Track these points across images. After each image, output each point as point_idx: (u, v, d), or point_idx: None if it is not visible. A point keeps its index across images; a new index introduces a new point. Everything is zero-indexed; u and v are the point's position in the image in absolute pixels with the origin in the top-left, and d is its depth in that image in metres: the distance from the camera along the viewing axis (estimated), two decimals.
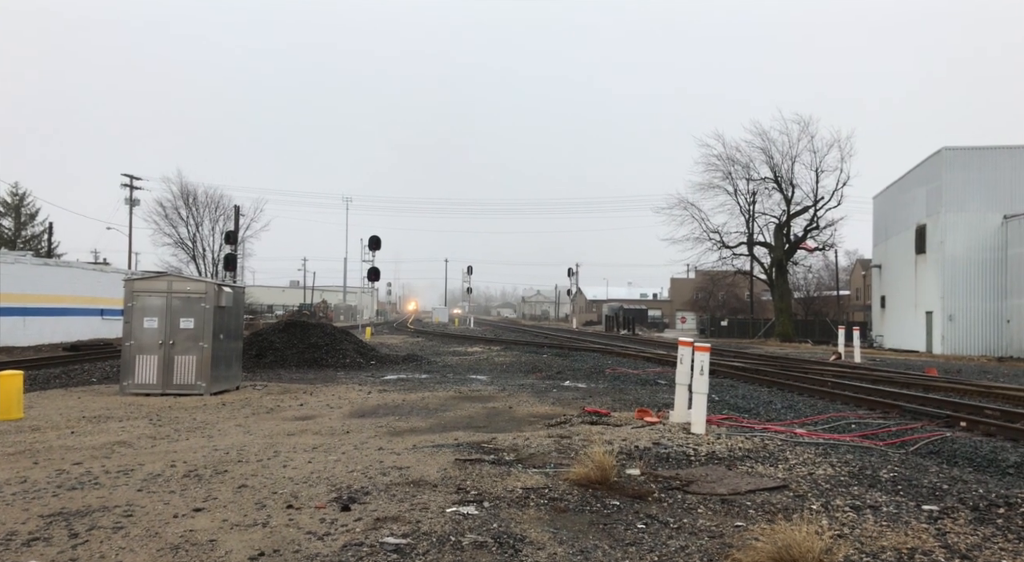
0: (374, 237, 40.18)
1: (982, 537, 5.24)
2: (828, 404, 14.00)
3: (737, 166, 52.07)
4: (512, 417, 11.46)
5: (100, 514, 5.54)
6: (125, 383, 13.93)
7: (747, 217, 52.66)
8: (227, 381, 14.92)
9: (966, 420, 11.26)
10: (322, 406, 12.57)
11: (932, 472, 7.54)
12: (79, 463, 7.50)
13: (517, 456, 7.87)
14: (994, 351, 33.19)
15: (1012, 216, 33.60)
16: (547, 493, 6.25)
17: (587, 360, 25.34)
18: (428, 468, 7.20)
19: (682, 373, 10.15)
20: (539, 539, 5.00)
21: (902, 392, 15.35)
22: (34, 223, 64.10)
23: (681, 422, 9.90)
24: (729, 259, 54.32)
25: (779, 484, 6.69)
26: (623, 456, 7.78)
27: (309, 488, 6.38)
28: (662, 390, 15.67)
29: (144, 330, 13.93)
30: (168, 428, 10.01)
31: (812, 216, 50.32)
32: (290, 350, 21.97)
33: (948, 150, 35.40)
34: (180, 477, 6.83)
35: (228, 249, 45.83)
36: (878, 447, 9.11)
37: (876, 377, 19.17)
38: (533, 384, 17.00)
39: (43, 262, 33.79)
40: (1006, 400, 14.62)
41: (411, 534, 5.03)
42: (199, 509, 5.69)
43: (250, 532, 5.09)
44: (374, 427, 10.21)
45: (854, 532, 5.29)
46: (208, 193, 55.95)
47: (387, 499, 5.99)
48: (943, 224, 34.99)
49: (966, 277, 34.53)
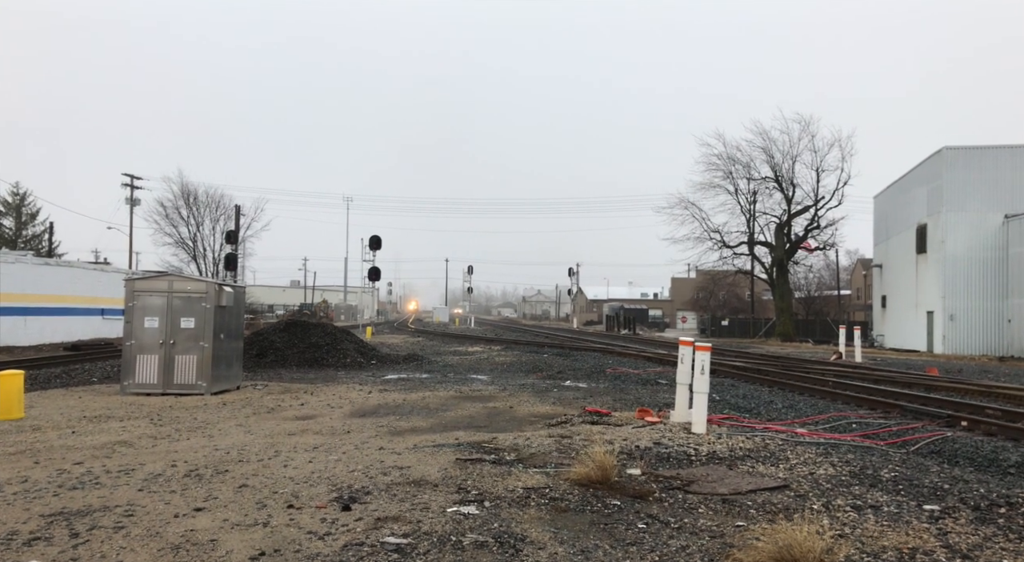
0: (375, 237, 40.10)
1: (983, 537, 5.24)
2: (829, 404, 14.00)
3: (738, 165, 52.07)
4: (513, 417, 11.46)
5: (101, 514, 5.54)
6: (126, 383, 13.95)
7: (748, 216, 52.66)
8: (228, 381, 14.93)
9: (967, 420, 11.25)
10: (323, 406, 12.57)
11: (933, 472, 7.54)
12: (80, 463, 7.50)
13: (518, 456, 7.87)
14: (995, 351, 33.17)
15: (1013, 216, 33.58)
16: (548, 493, 6.25)
17: (588, 360, 25.34)
18: (429, 468, 7.20)
19: (683, 373, 10.15)
20: (540, 539, 5.00)
21: (903, 392, 15.34)
22: (35, 223, 64.13)
23: (682, 422, 9.90)
24: (730, 259, 54.33)
25: (780, 484, 6.69)
26: (624, 456, 7.78)
27: (310, 488, 6.38)
28: (663, 390, 15.67)
29: (145, 330, 13.94)
30: (169, 428, 10.02)
31: (813, 216, 50.30)
32: (291, 350, 21.98)
33: (949, 149, 35.38)
34: (181, 477, 6.83)
35: (229, 249, 45.84)
36: (879, 447, 9.10)
37: (877, 377, 19.16)
38: (534, 384, 17.00)
39: (44, 262, 33.81)
40: (1007, 400, 14.61)
41: (412, 534, 5.03)
42: (200, 509, 5.69)
43: (251, 532, 5.09)
44: (375, 427, 10.21)
45: (855, 532, 5.28)
46: (209, 193, 55.97)
47: (388, 499, 5.99)
48: (944, 223, 34.96)
49: (967, 277, 34.50)
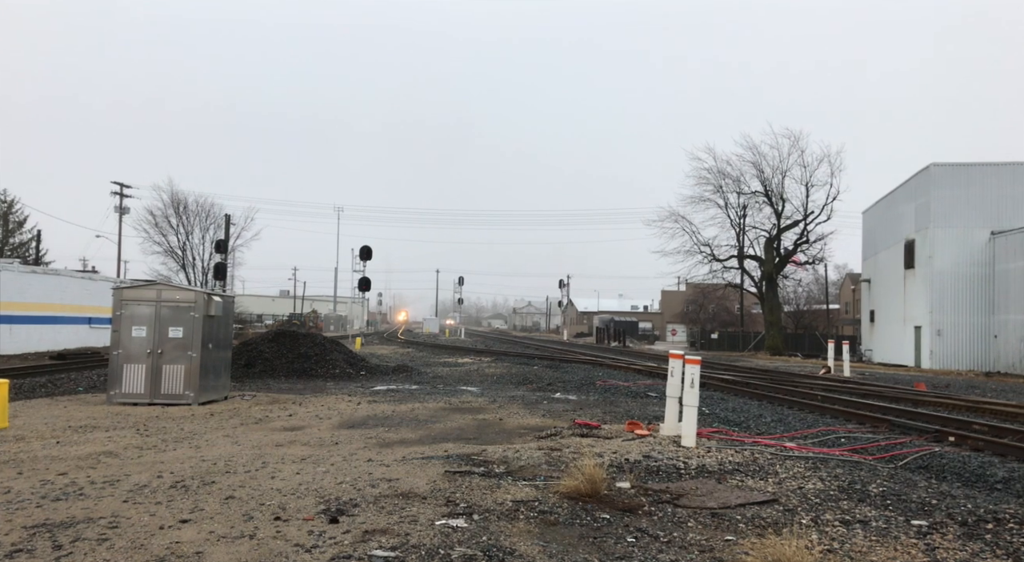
0: (365, 247, 40.01)
1: (971, 553, 5.25)
2: (818, 418, 14.04)
3: (728, 180, 52.40)
4: (502, 429, 11.42)
5: (85, 525, 5.47)
6: (112, 392, 13.82)
7: (738, 230, 52.96)
8: (216, 391, 14.82)
9: (955, 435, 11.31)
10: (311, 417, 12.50)
11: (921, 487, 7.56)
12: (64, 473, 7.42)
13: (507, 468, 7.84)
14: (982, 366, 33.40)
15: (999, 232, 33.93)
16: (537, 506, 6.22)
17: (578, 372, 25.32)
18: (417, 480, 7.16)
19: (673, 386, 10.15)
20: (529, 552, 4.98)
21: (891, 406, 15.41)
22: (22, 231, 63.55)
23: (671, 435, 9.90)
24: (720, 272, 54.54)
25: (769, 498, 6.69)
26: (613, 469, 7.77)
27: (297, 500, 6.33)
28: (652, 402, 15.67)
29: (132, 339, 13.84)
30: (155, 438, 9.92)
31: (802, 230, 50.61)
32: (279, 360, 21.85)
33: (936, 166, 35.76)
34: (167, 488, 6.76)
35: (218, 258, 45.62)
36: (867, 461, 9.12)
37: (865, 391, 19.24)
38: (523, 396, 16.96)
39: (31, 270, 33.52)
40: (994, 415, 14.69)
41: (400, 547, 4.99)
42: (185, 521, 5.64)
43: (237, 544, 5.04)
44: (363, 438, 10.16)
45: (844, 547, 5.29)
46: (199, 202, 55.64)
47: (376, 511, 5.95)
48: (931, 239, 35.28)
49: (954, 292, 34.79)
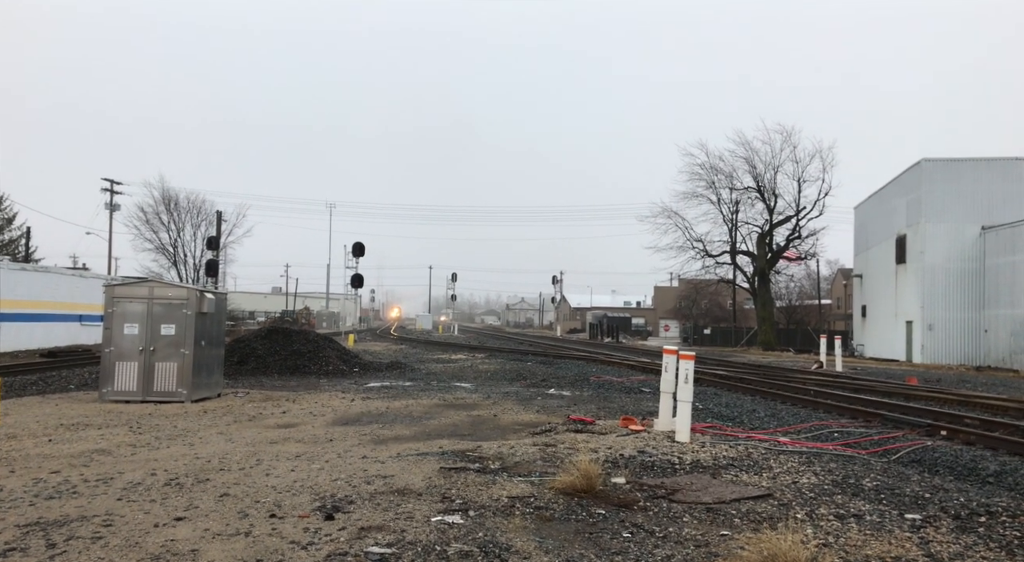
0: (358, 243, 39.87)
1: (964, 546, 5.28)
2: (811, 413, 14.09)
3: (720, 175, 52.39)
4: (497, 425, 11.43)
5: (78, 524, 5.44)
6: (104, 390, 13.75)
7: (730, 226, 53.01)
8: (208, 388, 14.77)
9: (946, 429, 11.37)
10: (305, 414, 12.47)
11: (914, 481, 7.60)
12: (57, 471, 7.38)
13: (502, 464, 7.84)
14: (972, 360, 33.61)
15: (990, 227, 34.11)
16: (533, 502, 6.23)
17: (571, 368, 25.35)
18: (413, 477, 7.15)
19: (667, 381, 10.18)
20: (525, 548, 4.98)
21: (883, 401, 15.47)
22: (11, 228, 63.03)
23: (666, 430, 9.92)
24: (712, 268, 54.61)
25: (764, 493, 6.72)
26: (608, 464, 7.78)
27: (292, 497, 6.31)
28: (646, 398, 15.70)
29: (124, 336, 13.76)
30: (148, 436, 9.88)
31: (794, 226, 50.73)
32: (272, 357, 21.78)
33: (927, 161, 35.92)
34: (161, 486, 6.73)
35: (210, 255, 45.42)
36: (861, 456, 9.17)
37: (857, 386, 19.33)
38: (518, 392, 16.97)
39: (20, 267, 33.28)
40: (985, 409, 14.78)
41: (396, 543, 4.98)
42: (180, 518, 5.61)
43: (232, 542, 5.03)
44: (358, 435, 10.14)
45: (839, 541, 5.31)
46: (190, 198, 55.25)
47: (371, 508, 5.94)
48: (923, 234, 35.45)
49: (945, 287, 34.98)
